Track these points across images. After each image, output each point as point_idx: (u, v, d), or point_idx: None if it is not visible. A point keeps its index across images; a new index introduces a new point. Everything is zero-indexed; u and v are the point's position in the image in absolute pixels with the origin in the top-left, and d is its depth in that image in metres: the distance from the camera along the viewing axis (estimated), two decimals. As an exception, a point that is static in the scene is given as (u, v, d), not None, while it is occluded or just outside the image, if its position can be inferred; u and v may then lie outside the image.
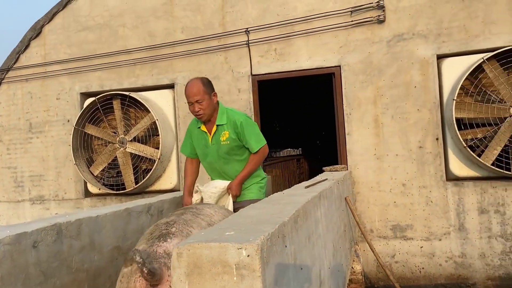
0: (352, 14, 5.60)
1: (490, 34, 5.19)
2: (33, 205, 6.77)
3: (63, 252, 1.94)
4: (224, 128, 3.17)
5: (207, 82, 3.17)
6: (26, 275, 1.73)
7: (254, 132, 3.21)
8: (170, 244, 1.82)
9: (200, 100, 3.06)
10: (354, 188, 5.57)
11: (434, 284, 5.29)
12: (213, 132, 3.19)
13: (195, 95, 3.07)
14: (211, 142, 3.20)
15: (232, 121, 3.17)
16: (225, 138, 3.15)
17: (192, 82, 3.13)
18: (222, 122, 3.17)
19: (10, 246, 1.67)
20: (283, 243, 1.65)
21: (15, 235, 1.70)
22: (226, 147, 3.17)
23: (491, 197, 5.19)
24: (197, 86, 3.08)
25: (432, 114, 5.36)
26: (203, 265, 1.37)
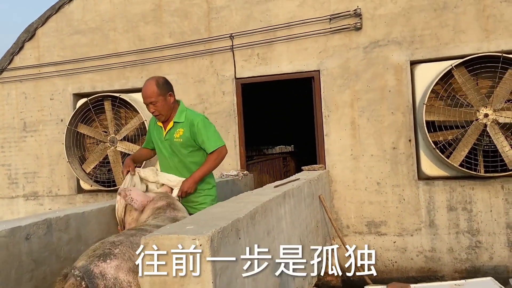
0: (331, 21, 5.91)
1: (460, 42, 5.52)
2: (27, 201, 7.05)
3: (52, 243, 2.24)
4: (180, 126, 3.17)
5: (162, 83, 3.10)
6: (20, 263, 2.03)
7: (211, 133, 3.19)
8: (108, 265, 1.82)
9: (154, 102, 3.04)
10: (331, 186, 5.90)
11: (406, 277, 5.63)
12: (168, 128, 3.18)
13: (148, 97, 3.05)
14: (165, 137, 3.21)
15: (189, 120, 3.16)
16: (179, 136, 3.15)
17: (146, 84, 3.09)
18: (180, 120, 3.17)
19: (6, 238, 1.97)
20: (236, 235, 1.96)
21: (10, 228, 2.00)
22: (178, 144, 3.16)
23: (459, 196, 5.53)
24: (151, 88, 3.04)
25: (405, 117, 5.69)
26: (166, 252, 1.68)
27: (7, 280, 1.95)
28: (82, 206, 2.61)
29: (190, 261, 1.66)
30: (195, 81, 6.44)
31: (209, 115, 6.34)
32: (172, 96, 3.16)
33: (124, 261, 1.88)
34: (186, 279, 1.66)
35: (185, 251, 1.66)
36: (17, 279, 2.01)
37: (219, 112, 6.31)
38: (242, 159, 6.25)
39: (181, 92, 6.47)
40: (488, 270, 5.40)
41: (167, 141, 3.22)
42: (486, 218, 5.42)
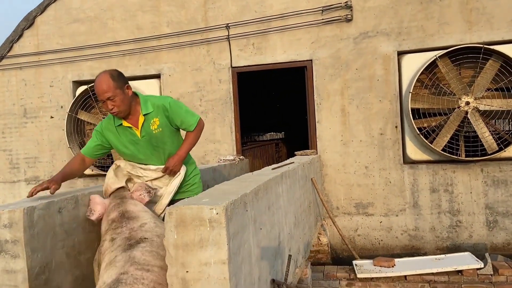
0: (323, 13, 6.18)
1: (444, 33, 5.84)
2: (28, 185, 7.28)
3: (79, 216, 2.53)
4: (153, 116, 2.83)
5: (117, 76, 2.75)
6: (54, 233, 2.32)
7: (185, 110, 2.94)
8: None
9: (112, 97, 2.66)
10: (322, 170, 6.24)
11: (391, 254, 6.03)
12: (140, 124, 2.81)
13: (105, 92, 2.66)
14: (141, 135, 2.83)
15: (158, 106, 2.85)
16: (156, 126, 2.84)
17: (100, 78, 2.69)
18: (149, 110, 2.81)
19: (43, 210, 2.25)
20: (244, 208, 2.27)
21: (46, 202, 2.28)
22: (160, 135, 2.86)
23: (441, 178, 5.92)
24: (107, 82, 2.66)
25: (392, 104, 6.02)
26: (186, 220, 1.99)
27: (44, 247, 2.24)
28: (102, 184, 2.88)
29: (208, 227, 1.97)
30: (192, 70, 6.68)
31: (206, 102, 6.62)
32: (129, 89, 2.80)
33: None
34: (204, 242, 1.97)
35: (204, 218, 1.97)
36: (52, 247, 2.30)
37: (216, 100, 6.58)
38: (238, 145, 6.55)
39: (178, 80, 6.72)
40: (467, 247, 5.83)
41: (144, 137, 2.84)
42: (466, 199, 5.83)
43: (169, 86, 6.78)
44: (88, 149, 2.93)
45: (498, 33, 5.64)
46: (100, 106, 6.95)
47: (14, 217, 2.09)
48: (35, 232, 2.16)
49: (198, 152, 6.55)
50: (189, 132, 2.95)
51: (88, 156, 2.93)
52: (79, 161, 2.92)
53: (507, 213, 5.72)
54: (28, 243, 2.12)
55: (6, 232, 2.10)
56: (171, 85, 6.76)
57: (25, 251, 2.09)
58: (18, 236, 2.09)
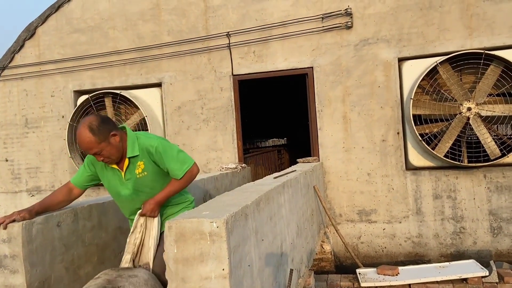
0: (323, 20, 6.18)
1: (444, 39, 5.83)
2: (30, 196, 7.27)
3: (78, 230, 2.52)
4: (138, 159, 2.62)
5: (97, 127, 2.48)
6: (53, 247, 2.30)
7: (173, 156, 2.62)
8: None
9: (98, 152, 2.49)
10: (325, 177, 6.21)
11: (395, 262, 5.98)
12: (125, 167, 2.62)
13: (88, 149, 2.48)
14: (125, 177, 2.63)
15: (144, 149, 2.62)
16: (141, 170, 2.63)
17: (80, 134, 2.47)
18: (134, 153, 2.60)
19: (41, 225, 2.24)
20: (245, 220, 2.25)
21: (45, 216, 2.27)
22: (144, 179, 2.64)
23: (444, 184, 5.88)
24: (87, 139, 2.44)
25: (393, 111, 6.00)
26: (186, 234, 1.97)
27: (43, 262, 2.23)
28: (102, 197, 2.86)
29: (208, 241, 1.95)
30: (193, 78, 6.69)
31: (208, 110, 6.62)
32: (116, 136, 2.55)
33: None
34: (205, 256, 1.94)
35: (204, 232, 1.95)
36: (51, 261, 2.28)
37: (217, 108, 6.57)
38: (240, 152, 6.53)
39: (180, 89, 6.73)
40: (472, 254, 5.77)
41: (128, 181, 2.64)
42: (470, 206, 5.78)
43: (171, 94, 6.78)
44: (78, 179, 2.71)
45: (499, 38, 5.62)
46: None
47: (12, 232, 2.08)
48: (34, 246, 2.14)
49: (201, 160, 6.54)
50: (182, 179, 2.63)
51: (78, 186, 2.70)
52: (65, 191, 2.66)
53: (511, 219, 5.67)
54: (27, 258, 2.10)
55: (5, 247, 2.08)
56: (173, 93, 6.77)
57: (24, 266, 2.08)
58: (17, 251, 2.07)
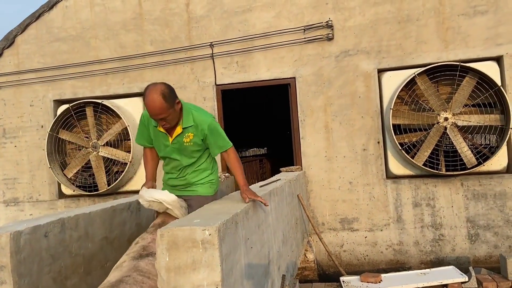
0: (305, 32, 6.31)
1: (422, 52, 6.03)
2: (7, 207, 7.08)
3: (65, 240, 2.48)
4: (189, 130, 2.92)
5: (168, 94, 2.74)
6: (40, 258, 2.27)
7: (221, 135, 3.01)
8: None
9: (166, 117, 2.76)
10: (308, 186, 6.28)
11: (377, 269, 6.07)
12: (175, 134, 2.93)
13: (158, 114, 2.73)
14: (172, 142, 2.95)
15: (198, 124, 2.92)
16: (189, 140, 2.94)
17: (152, 99, 2.68)
18: (188, 124, 2.91)
19: (29, 235, 2.20)
20: (235, 228, 2.27)
21: (32, 227, 2.23)
22: (189, 148, 2.97)
23: (423, 193, 6.03)
24: (160, 104, 2.68)
25: (374, 120, 6.14)
26: (178, 242, 1.98)
27: (31, 273, 2.19)
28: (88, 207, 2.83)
29: (200, 249, 1.96)
30: (176, 88, 6.57)
31: (190, 120, 6.61)
32: (179, 103, 2.85)
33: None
34: (197, 264, 1.95)
35: (197, 240, 1.96)
36: (38, 272, 2.24)
37: (200, 117, 6.57)
38: (223, 162, 6.54)
39: (162, 98, 6.70)
40: (450, 261, 5.91)
41: (175, 144, 2.96)
42: (448, 213, 5.94)
43: (153, 104, 6.74)
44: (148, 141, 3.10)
45: (474, 51, 5.86)
46: (83, 125, 6.87)
47: (0, 242, 2.04)
48: (22, 257, 2.11)
49: (183, 170, 6.51)
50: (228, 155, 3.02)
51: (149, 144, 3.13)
52: (149, 152, 3.19)
53: (487, 226, 5.85)
54: (15, 268, 2.07)
55: (-8, 258, 2.04)
56: (155, 103, 6.73)
57: (12, 277, 2.04)
58: (5, 261, 2.04)
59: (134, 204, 3.51)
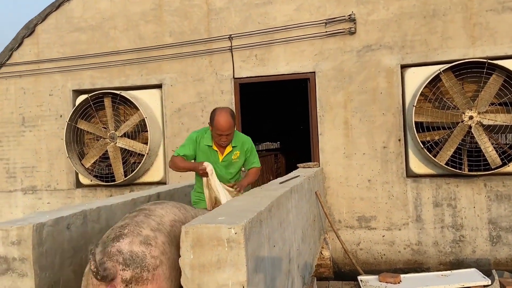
0: (326, 25, 6.18)
1: (447, 48, 5.86)
2: (25, 195, 7.15)
3: (87, 232, 2.46)
4: (236, 149, 3.55)
5: (234, 115, 3.42)
6: (62, 250, 2.24)
7: (256, 154, 3.71)
8: (122, 243, 2.06)
9: (230, 134, 3.36)
10: (325, 183, 6.19)
11: (394, 269, 5.97)
12: (226, 152, 3.50)
13: (227, 130, 3.32)
14: (222, 159, 3.51)
15: (242, 143, 3.57)
16: (236, 157, 3.55)
17: (224, 117, 3.31)
18: (236, 144, 3.53)
19: (52, 227, 2.18)
20: (260, 226, 2.21)
21: (55, 219, 2.21)
22: (236, 164, 3.58)
23: (445, 192, 5.89)
24: (229, 122, 3.31)
25: (395, 117, 6.01)
26: (203, 240, 1.92)
27: (53, 265, 2.16)
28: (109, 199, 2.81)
29: (226, 247, 1.90)
30: (194, 80, 6.64)
31: (208, 113, 6.52)
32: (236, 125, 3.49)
33: (134, 236, 2.12)
34: (222, 262, 1.90)
35: (222, 238, 1.90)
36: (60, 264, 2.22)
37: (218, 111, 6.51)
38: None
39: (180, 90, 6.67)
40: (470, 262, 5.78)
41: (224, 162, 3.52)
42: (470, 214, 5.80)
43: (171, 96, 6.73)
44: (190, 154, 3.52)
45: (502, 48, 5.66)
46: (101, 115, 6.88)
47: (23, 234, 2.01)
48: (44, 249, 2.08)
49: (199, 163, 6.47)
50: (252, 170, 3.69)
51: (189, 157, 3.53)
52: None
53: (510, 228, 5.69)
54: (37, 261, 2.04)
55: (14, 249, 2.02)
56: (173, 95, 6.71)
57: (34, 269, 2.01)
58: (27, 254, 2.01)
59: (154, 197, 3.47)
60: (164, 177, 6.87)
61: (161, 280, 2.10)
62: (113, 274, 1.97)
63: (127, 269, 2.00)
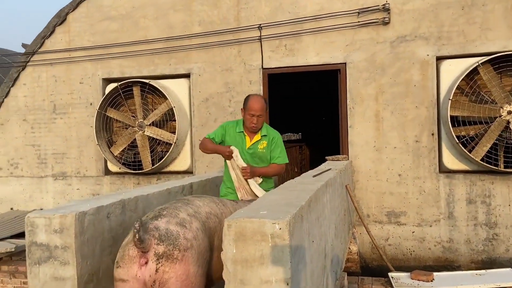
0: (359, 15, 6.02)
1: (486, 39, 5.62)
2: (56, 181, 7.30)
3: (125, 222, 2.46)
4: (264, 139, 3.70)
5: (266, 101, 3.72)
6: (102, 239, 2.25)
7: (283, 150, 3.77)
8: (160, 221, 2.20)
9: (261, 116, 3.57)
10: (354, 176, 6.08)
11: (423, 266, 5.84)
12: (254, 140, 3.68)
13: (259, 110, 3.55)
14: (249, 146, 3.67)
15: (270, 135, 3.72)
16: (262, 147, 3.69)
17: (258, 98, 3.64)
18: (264, 134, 3.70)
19: (93, 216, 2.18)
20: (301, 221, 2.16)
21: (96, 207, 2.21)
22: (261, 154, 3.70)
23: (479, 189, 5.70)
24: (262, 103, 3.59)
25: (429, 111, 5.83)
26: (247, 234, 1.88)
27: (93, 254, 2.17)
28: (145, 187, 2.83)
29: (270, 243, 1.86)
30: (222, 70, 6.60)
31: (236, 103, 6.52)
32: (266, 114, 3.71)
33: (172, 217, 2.25)
34: (266, 258, 1.85)
35: (266, 233, 1.86)
36: (100, 253, 2.22)
37: (246, 101, 6.46)
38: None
39: (208, 80, 6.64)
40: (504, 262, 5.60)
41: (250, 149, 3.67)
42: (505, 212, 5.60)
43: (199, 86, 6.71)
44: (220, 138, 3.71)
45: (545, 40, 5.40)
46: (129, 104, 6.92)
47: (65, 223, 2.02)
48: (86, 238, 2.09)
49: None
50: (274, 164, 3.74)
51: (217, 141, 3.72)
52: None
53: (548, 228, 5.48)
54: (79, 249, 2.05)
55: (56, 237, 2.03)
56: (201, 85, 6.69)
57: (76, 257, 2.02)
58: (69, 242, 2.02)
59: (188, 187, 3.46)
60: (191, 166, 6.88)
61: (189, 263, 2.16)
62: (148, 247, 2.08)
63: (161, 244, 2.11)
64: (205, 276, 2.32)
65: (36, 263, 2.01)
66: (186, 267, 2.14)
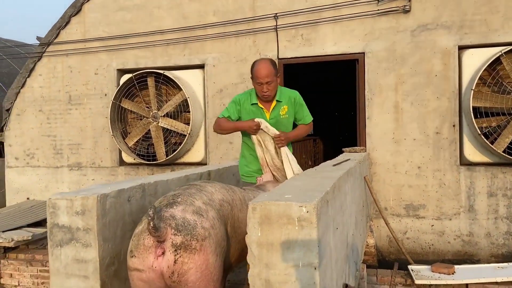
0: (378, 3, 5.88)
1: (509, 28, 5.45)
2: (71, 171, 7.33)
3: (145, 206, 2.42)
4: (283, 104, 3.33)
5: (275, 64, 3.27)
6: (123, 222, 2.21)
7: (306, 108, 3.49)
8: (175, 209, 2.11)
9: (270, 82, 3.16)
10: (371, 168, 5.98)
11: (442, 259, 5.71)
12: (272, 108, 3.32)
13: (266, 76, 3.15)
14: (270, 117, 3.32)
15: (288, 97, 3.36)
16: (285, 113, 3.34)
17: (263, 64, 3.20)
18: (281, 98, 3.32)
19: (114, 199, 2.14)
20: (327, 206, 2.09)
21: (117, 190, 2.17)
22: (285, 121, 3.37)
23: (500, 182, 5.55)
24: (268, 68, 3.16)
25: (450, 102, 5.68)
26: (272, 217, 1.82)
27: (115, 237, 2.13)
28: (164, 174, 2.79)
29: (296, 226, 1.79)
30: (237, 60, 6.53)
31: (251, 94, 6.43)
32: (279, 77, 3.31)
33: (188, 205, 2.16)
34: (292, 242, 1.79)
35: (292, 216, 1.79)
36: (122, 236, 2.19)
37: (262, 92, 6.39)
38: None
39: (222, 71, 6.58)
40: (524, 256, 5.46)
41: (272, 120, 3.33)
42: (527, 206, 5.45)
43: (213, 76, 6.65)
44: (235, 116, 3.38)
45: None
46: (144, 95, 6.90)
47: (87, 204, 1.98)
48: (107, 220, 2.05)
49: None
50: (302, 124, 3.50)
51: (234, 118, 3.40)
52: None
53: None
54: (100, 232, 2.01)
55: (79, 219, 1.99)
56: (215, 75, 6.63)
57: (98, 240, 1.98)
58: (91, 224, 1.98)
59: (205, 174, 3.42)
60: (205, 158, 6.84)
61: (208, 252, 2.10)
62: (164, 236, 2.00)
63: (178, 234, 2.03)
64: (222, 265, 2.27)
65: (58, 245, 1.98)
66: (205, 257, 2.08)
